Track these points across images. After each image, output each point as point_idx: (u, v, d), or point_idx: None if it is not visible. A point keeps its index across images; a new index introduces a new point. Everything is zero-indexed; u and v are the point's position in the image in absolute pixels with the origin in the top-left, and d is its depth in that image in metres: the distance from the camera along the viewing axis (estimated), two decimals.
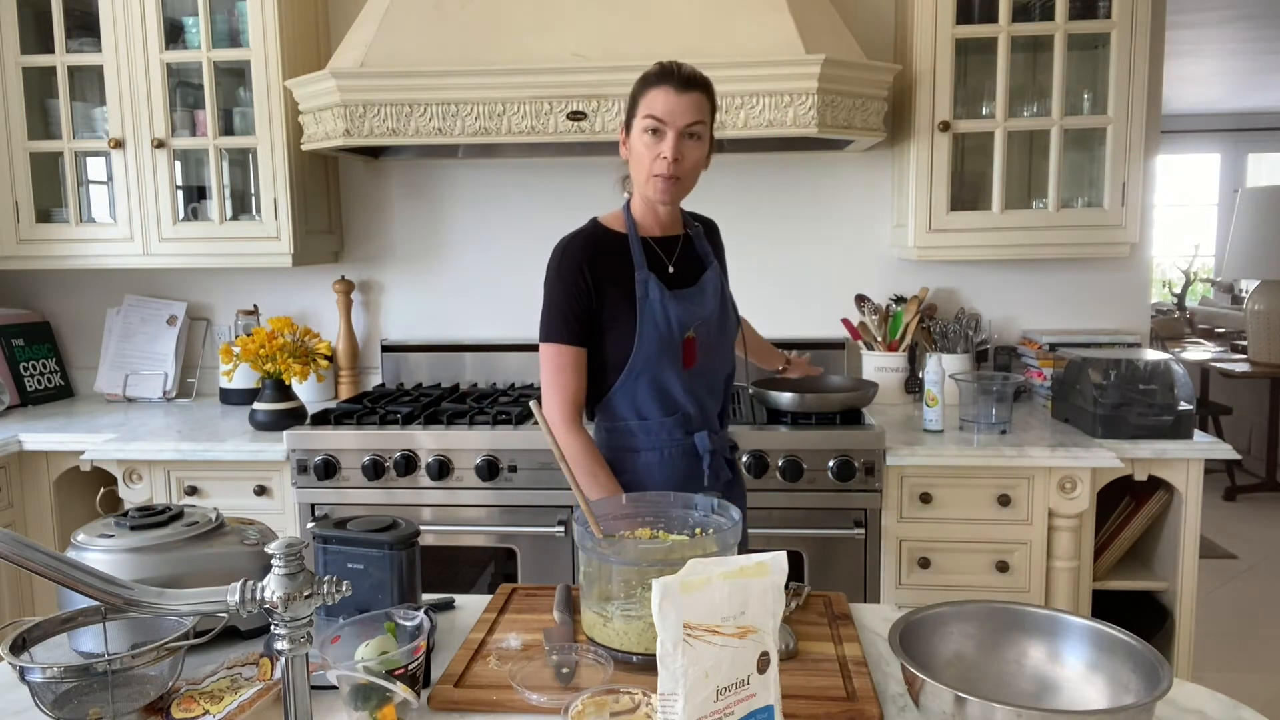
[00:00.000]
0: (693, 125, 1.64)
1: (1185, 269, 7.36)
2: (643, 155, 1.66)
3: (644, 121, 1.65)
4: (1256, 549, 4.42)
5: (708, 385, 1.79)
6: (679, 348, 1.72)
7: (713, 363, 1.79)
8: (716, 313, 1.78)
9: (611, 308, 1.71)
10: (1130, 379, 2.39)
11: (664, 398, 1.73)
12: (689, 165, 1.67)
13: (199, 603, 0.93)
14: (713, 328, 1.77)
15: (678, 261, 1.77)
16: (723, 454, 1.81)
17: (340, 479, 2.41)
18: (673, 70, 1.65)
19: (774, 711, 0.94)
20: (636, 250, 1.73)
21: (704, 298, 1.77)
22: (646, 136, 1.65)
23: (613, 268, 1.71)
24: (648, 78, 1.67)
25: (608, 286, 1.70)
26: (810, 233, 2.94)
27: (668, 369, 1.72)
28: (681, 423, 1.75)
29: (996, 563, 2.34)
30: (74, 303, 3.18)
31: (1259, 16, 4.90)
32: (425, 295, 3.06)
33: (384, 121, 2.43)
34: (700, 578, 0.89)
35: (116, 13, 2.65)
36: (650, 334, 1.70)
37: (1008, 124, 2.56)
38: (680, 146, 1.63)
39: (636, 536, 1.34)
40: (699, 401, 1.77)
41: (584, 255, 1.71)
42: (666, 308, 1.71)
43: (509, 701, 1.10)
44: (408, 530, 1.31)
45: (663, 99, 1.63)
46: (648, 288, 1.71)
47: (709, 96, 1.68)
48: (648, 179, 1.67)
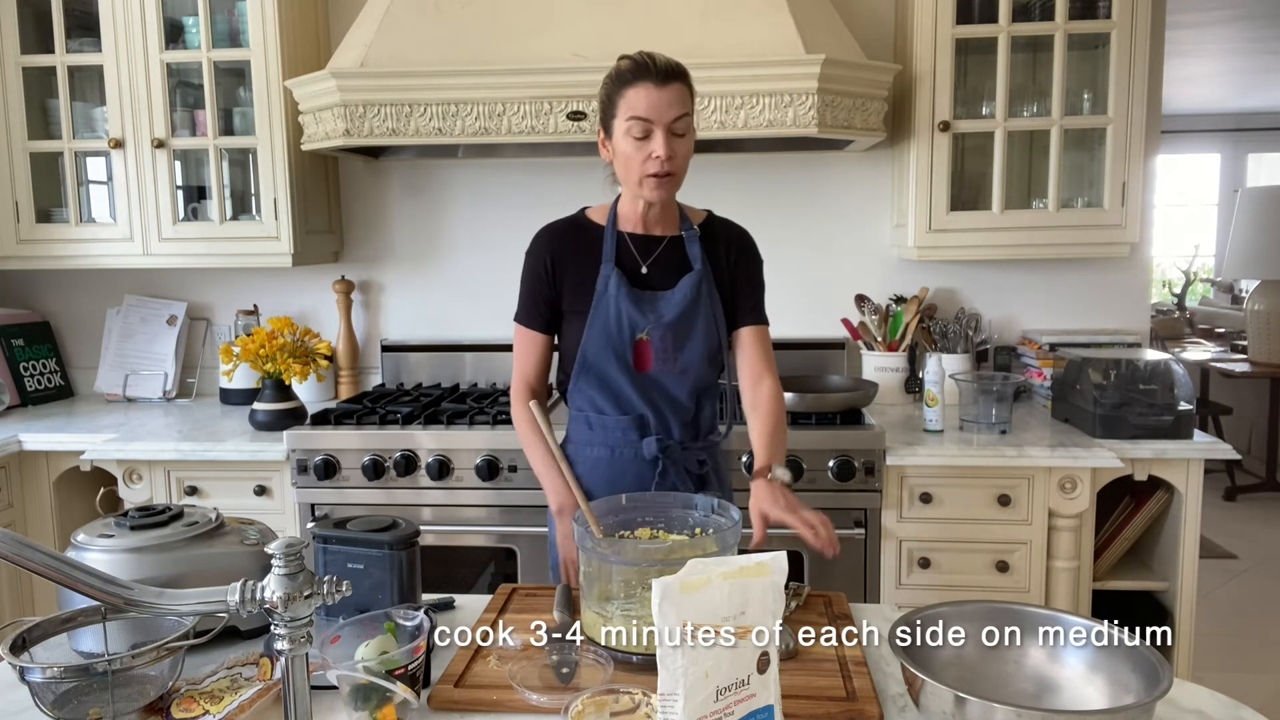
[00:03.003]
0: (679, 119, 1.58)
1: (1185, 269, 7.36)
2: (631, 157, 1.60)
3: (628, 123, 1.58)
4: (1256, 549, 4.42)
5: (666, 394, 1.71)
6: (628, 348, 1.67)
7: (671, 370, 1.69)
8: (682, 320, 1.68)
9: (572, 298, 1.70)
10: (1130, 379, 2.39)
11: (616, 397, 1.69)
12: (680, 159, 1.62)
13: (199, 603, 0.93)
14: (673, 334, 1.68)
15: (655, 262, 1.71)
16: (685, 465, 1.72)
17: (340, 479, 2.41)
18: (648, 64, 1.57)
19: (774, 711, 0.94)
20: (608, 243, 1.69)
21: (670, 303, 1.68)
22: (632, 138, 1.58)
23: (582, 259, 1.69)
24: (623, 75, 1.59)
25: (572, 276, 1.69)
26: (810, 233, 2.94)
27: (616, 368, 1.67)
28: (636, 425, 1.70)
29: (996, 563, 2.34)
30: (74, 303, 3.18)
31: (1259, 16, 4.89)
32: (425, 295, 3.06)
33: (384, 121, 2.43)
34: (700, 578, 0.89)
35: (116, 13, 2.65)
36: (598, 329, 1.67)
37: (1008, 124, 2.56)
38: (670, 142, 1.58)
39: (636, 536, 1.34)
40: (655, 407, 1.70)
41: (551, 243, 1.72)
42: (620, 305, 1.66)
43: (509, 701, 1.10)
44: (408, 530, 1.31)
45: (645, 96, 1.56)
46: (608, 283, 1.67)
47: (688, 84, 1.62)
48: (640, 180, 1.61)
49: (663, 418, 1.71)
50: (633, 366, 1.68)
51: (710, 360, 1.73)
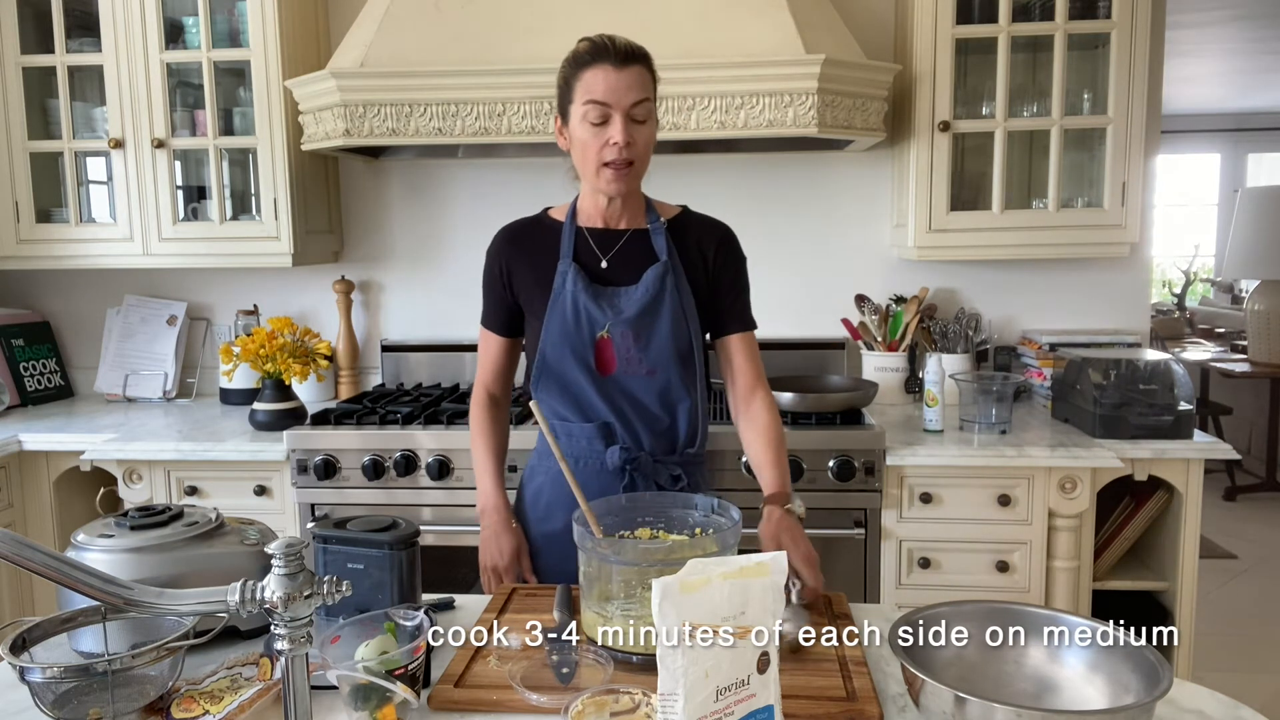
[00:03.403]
0: (639, 104, 1.49)
1: (1185, 269, 7.36)
2: (588, 144, 1.51)
3: (584, 108, 1.49)
4: (1256, 549, 4.42)
5: (633, 399, 1.61)
6: (589, 348, 1.58)
7: (638, 371, 1.60)
8: (645, 315, 1.58)
9: (528, 298, 1.64)
10: (1130, 379, 2.39)
11: (578, 402, 1.61)
12: (640, 147, 1.52)
13: (199, 603, 0.93)
14: (635, 332, 1.58)
15: (616, 257, 1.61)
16: (657, 480, 1.62)
17: (340, 479, 2.41)
18: (607, 46, 1.49)
19: (774, 711, 0.94)
20: (566, 240, 1.61)
21: (631, 298, 1.59)
22: (589, 123, 1.50)
23: (539, 258, 1.62)
24: (579, 57, 1.52)
25: (528, 276, 1.63)
26: (810, 233, 2.94)
27: (577, 370, 1.59)
28: (601, 433, 1.60)
29: (996, 563, 2.34)
30: (74, 303, 3.18)
31: (1259, 16, 4.89)
32: (425, 295, 3.06)
33: (384, 121, 2.43)
34: (700, 578, 0.89)
35: (116, 13, 2.65)
36: (556, 329, 1.59)
37: (1008, 124, 2.56)
38: (629, 129, 1.49)
39: (636, 536, 1.34)
40: (621, 414, 1.61)
41: (506, 244, 1.67)
42: (579, 302, 1.57)
43: (509, 701, 1.10)
44: (408, 530, 1.31)
45: (602, 79, 1.48)
46: (564, 278, 1.59)
47: (649, 69, 1.53)
48: (597, 169, 1.52)
49: (630, 426, 1.61)
50: (595, 369, 1.59)
51: (682, 361, 1.62)
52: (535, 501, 1.72)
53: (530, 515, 1.73)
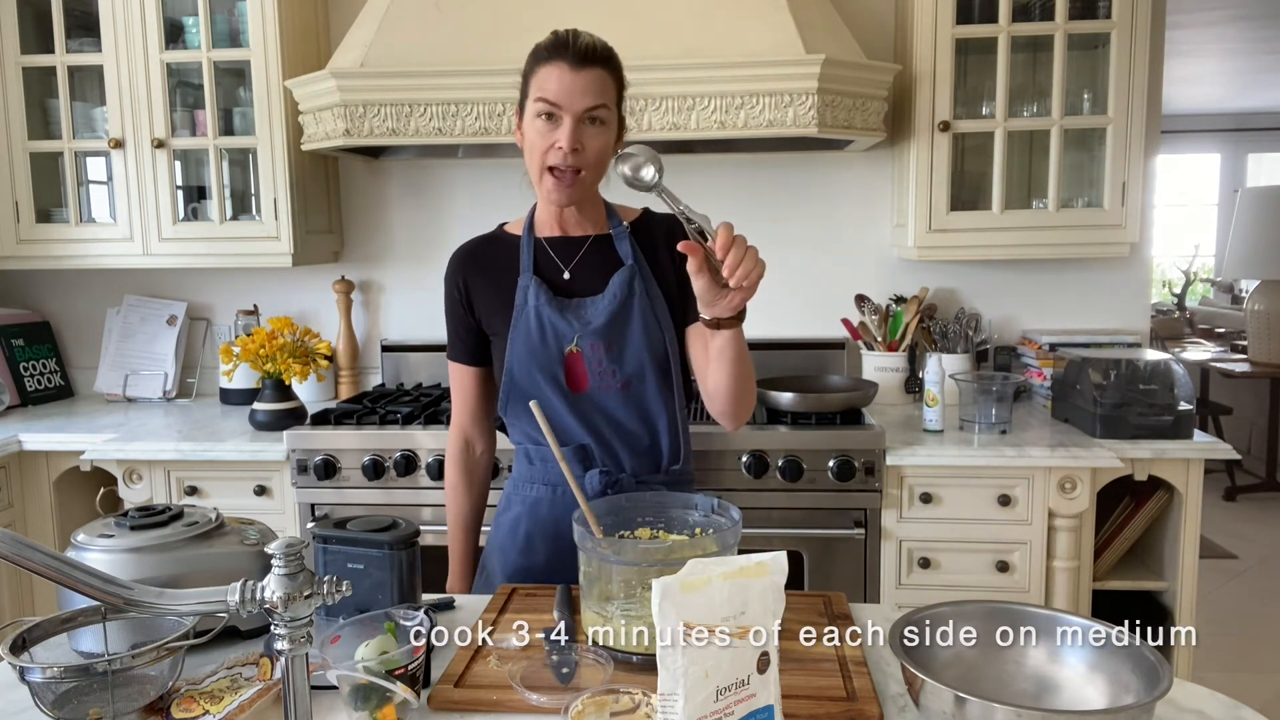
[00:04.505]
0: (593, 109, 1.39)
1: (1185, 269, 7.36)
2: (535, 145, 1.41)
3: (535, 105, 1.40)
4: (1256, 549, 4.42)
5: (610, 417, 1.52)
6: (558, 364, 1.49)
7: (612, 386, 1.51)
8: (614, 324, 1.50)
9: (490, 320, 1.55)
10: (1130, 379, 2.39)
11: (551, 424, 1.46)
12: (591, 155, 1.41)
13: (199, 603, 0.93)
14: (605, 342, 1.50)
15: (579, 266, 1.53)
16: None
17: (340, 479, 2.41)
18: (567, 42, 1.40)
19: (774, 711, 0.94)
20: (525, 253, 1.53)
21: (598, 308, 1.50)
22: (539, 122, 1.40)
23: (498, 275, 1.53)
24: (539, 51, 1.42)
25: (488, 296, 1.54)
26: (810, 233, 2.94)
27: (548, 389, 1.49)
28: (578, 456, 1.50)
29: (997, 563, 2.34)
30: (74, 303, 3.18)
31: (1259, 16, 4.90)
32: (425, 295, 3.06)
33: (384, 121, 2.43)
34: (700, 578, 0.89)
35: (116, 13, 2.65)
36: (521, 346, 1.50)
37: (1008, 124, 2.56)
38: (578, 134, 1.39)
39: (636, 536, 1.34)
40: (598, 434, 1.51)
41: (462, 265, 1.59)
42: (543, 316, 1.49)
43: (509, 701, 1.10)
44: (408, 530, 1.31)
45: (556, 78, 1.39)
46: (526, 293, 1.50)
47: (612, 72, 1.43)
48: (541, 173, 1.43)
49: (609, 447, 1.52)
50: (566, 386, 1.50)
51: (659, 371, 1.52)
52: (514, 532, 1.60)
53: (508, 549, 1.60)
